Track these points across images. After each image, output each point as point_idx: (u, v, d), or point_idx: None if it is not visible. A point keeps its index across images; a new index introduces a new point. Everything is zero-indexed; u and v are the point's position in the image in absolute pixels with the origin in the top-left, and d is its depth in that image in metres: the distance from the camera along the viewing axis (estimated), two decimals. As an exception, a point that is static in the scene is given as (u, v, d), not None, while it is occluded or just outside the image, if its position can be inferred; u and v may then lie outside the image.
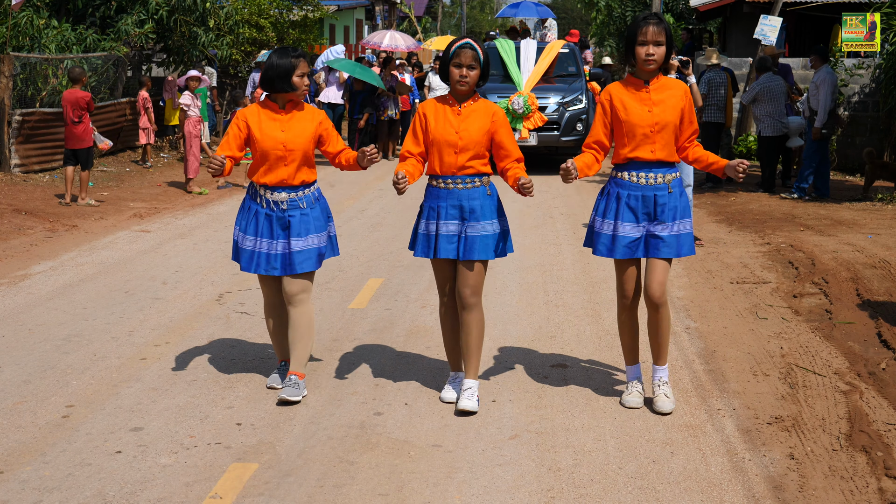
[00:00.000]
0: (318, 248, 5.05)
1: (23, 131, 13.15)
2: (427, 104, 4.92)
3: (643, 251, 4.78)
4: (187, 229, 10.15)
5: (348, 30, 34.70)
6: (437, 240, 4.85)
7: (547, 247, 9.18)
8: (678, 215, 4.78)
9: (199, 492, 3.99)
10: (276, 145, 4.95)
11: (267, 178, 4.99)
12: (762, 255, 8.72)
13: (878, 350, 5.90)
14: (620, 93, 4.78)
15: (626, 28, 4.74)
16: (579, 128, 14.90)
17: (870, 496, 3.97)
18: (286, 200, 4.99)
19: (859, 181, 13.77)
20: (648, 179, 4.74)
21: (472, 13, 64.45)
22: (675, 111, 4.72)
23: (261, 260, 5.01)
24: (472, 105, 4.86)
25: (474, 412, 4.82)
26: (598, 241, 4.86)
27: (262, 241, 5.01)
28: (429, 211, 4.91)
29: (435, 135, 4.82)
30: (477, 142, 4.79)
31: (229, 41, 17.83)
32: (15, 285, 7.60)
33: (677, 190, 4.79)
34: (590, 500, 3.92)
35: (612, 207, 4.80)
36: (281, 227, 4.99)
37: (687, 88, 4.79)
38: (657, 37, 4.63)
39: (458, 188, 4.83)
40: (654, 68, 4.69)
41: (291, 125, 5.00)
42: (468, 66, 4.75)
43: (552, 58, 15.65)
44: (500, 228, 4.91)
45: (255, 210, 5.05)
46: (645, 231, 4.76)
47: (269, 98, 5.06)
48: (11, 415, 4.85)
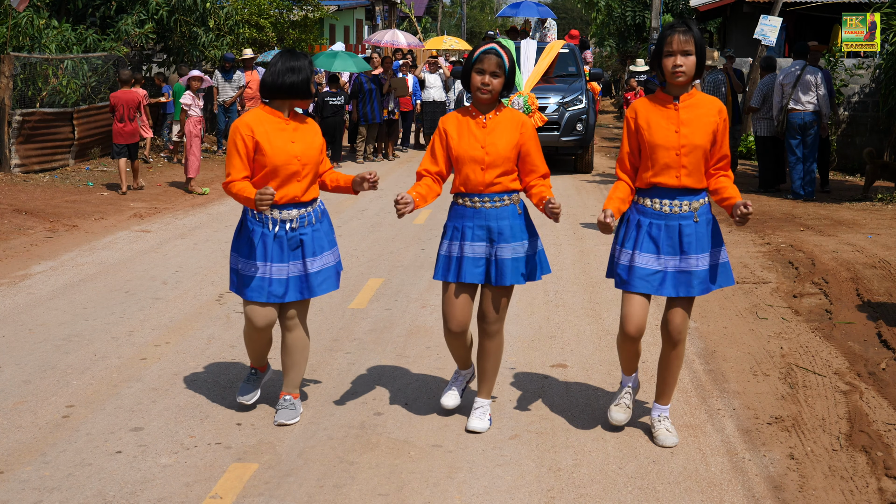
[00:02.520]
0: (336, 266, 4.68)
1: (23, 131, 13.16)
2: (448, 118, 4.54)
3: (671, 290, 4.29)
4: (187, 229, 10.15)
5: (348, 30, 34.70)
6: (462, 263, 4.45)
7: (547, 247, 9.17)
8: (708, 245, 4.31)
9: (199, 492, 4.00)
10: (289, 159, 4.46)
11: (276, 196, 4.47)
12: (762, 255, 8.72)
13: (878, 350, 5.90)
14: (646, 109, 4.31)
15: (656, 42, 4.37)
16: (579, 128, 14.90)
17: (870, 496, 3.97)
18: (296, 218, 4.53)
19: (859, 181, 13.78)
20: (672, 207, 4.28)
21: (473, 13, 64.44)
22: (705, 133, 4.23)
23: (274, 287, 4.50)
24: (497, 116, 4.46)
25: (484, 432, 4.60)
26: (616, 271, 4.43)
27: (271, 266, 4.50)
28: (452, 231, 4.51)
29: (459, 151, 4.44)
30: (505, 157, 4.41)
31: (229, 41, 17.82)
32: (15, 285, 7.61)
33: (705, 218, 4.31)
34: (590, 500, 3.93)
35: (632, 236, 4.35)
36: (291, 247, 4.53)
37: (723, 107, 4.31)
38: (685, 46, 4.15)
39: (486, 207, 4.44)
40: (685, 81, 4.19)
41: (301, 136, 4.54)
42: (491, 73, 4.35)
43: (552, 58, 15.67)
44: (534, 249, 4.53)
45: (260, 233, 4.51)
46: (667, 265, 4.29)
47: (270, 106, 4.56)
48: (12, 415, 4.85)
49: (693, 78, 4.21)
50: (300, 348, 4.70)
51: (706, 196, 4.34)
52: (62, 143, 14.14)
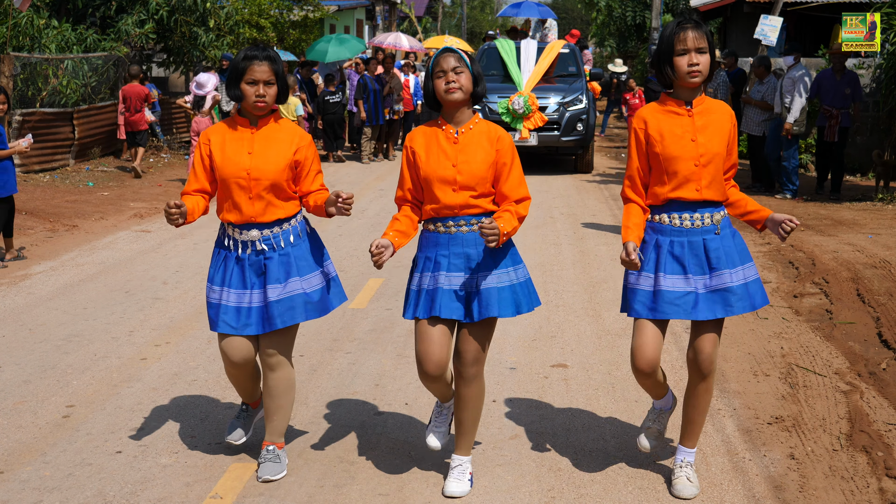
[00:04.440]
0: (305, 294, 3.97)
1: (23, 131, 13.16)
2: (414, 134, 3.94)
3: (707, 312, 3.82)
4: (188, 229, 10.14)
5: (348, 30, 34.70)
6: (436, 295, 3.82)
7: (547, 247, 9.18)
8: (738, 260, 3.87)
9: (199, 492, 3.99)
10: (237, 172, 3.92)
11: (232, 215, 3.98)
12: (763, 254, 8.72)
13: (878, 350, 5.90)
14: (657, 118, 3.86)
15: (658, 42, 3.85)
16: (579, 128, 14.91)
17: (870, 496, 3.97)
18: (259, 240, 3.98)
19: (859, 181, 13.77)
20: (694, 222, 3.83)
21: (473, 13, 64.45)
22: (721, 139, 3.83)
23: (228, 316, 3.96)
24: (470, 130, 3.86)
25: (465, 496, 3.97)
26: (634, 299, 3.87)
27: (229, 292, 3.98)
28: (424, 262, 3.90)
29: (427, 171, 3.84)
30: (481, 178, 3.81)
31: (229, 41, 17.82)
32: (15, 285, 7.61)
33: (728, 231, 3.89)
34: (590, 500, 3.92)
35: (651, 258, 3.86)
36: (255, 273, 3.99)
37: (733, 113, 3.93)
38: (699, 43, 3.73)
39: (463, 231, 3.84)
40: (700, 81, 3.77)
41: (262, 147, 3.96)
42: (452, 69, 3.78)
43: (552, 58, 15.68)
44: (520, 277, 3.92)
45: (223, 255, 4.05)
46: (697, 286, 3.83)
47: (238, 112, 4.06)
48: (12, 415, 4.85)
49: (707, 79, 3.82)
50: (283, 390, 4.07)
51: (724, 209, 3.94)
52: (62, 143, 14.15)
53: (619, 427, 4.69)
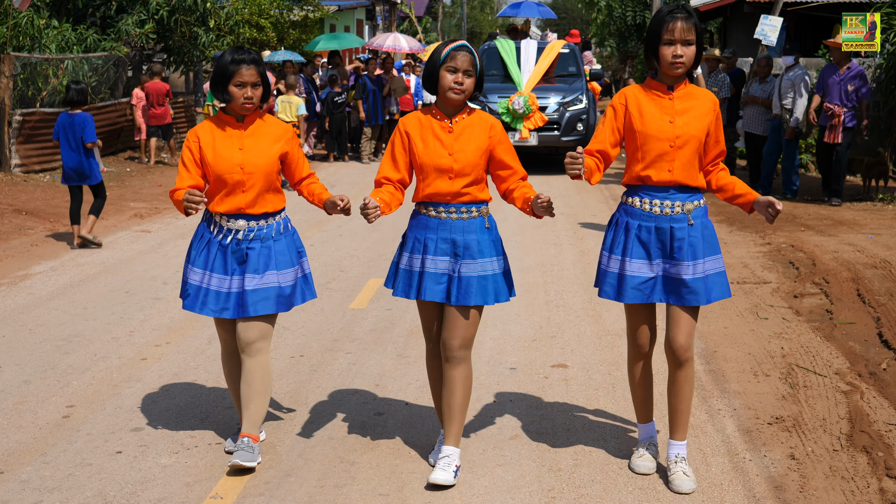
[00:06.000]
0: (279, 288, 4.20)
1: (23, 131, 13.16)
2: (409, 119, 4.09)
3: (661, 295, 3.97)
4: (188, 229, 10.14)
5: (348, 30, 34.71)
6: (422, 279, 4.05)
7: (547, 247, 9.18)
8: (701, 253, 3.93)
9: (199, 492, 3.99)
10: (231, 168, 4.14)
11: (223, 205, 4.19)
12: (763, 255, 8.72)
13: (878, 350, 5.90)
14: (638, 97, 4.00)
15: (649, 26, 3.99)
16: (580, 128, 14.91)
17: (870, 496, 3.96)
18: (244, 230, 4.20)
19: (860, 181, 13.77)
20: (664, 208, 3.94)
21: (473, 13, 64.45)
22: (700, 124, 3.93)
23: (209, 298, 4.19)
24: (465, 119, 4.04)
25: (449, 486, 4.01)
26: (605, 282, 4.05)
27: (211, 276, 4.20)
28: (414, 243, 4.10)
29: (424, 159, 4.01)
30: (475, 165, 4.00)
31: (230, 41, 17.82)
32: (15, 285, 7.61)
33: (700, 221, 3.96)
34: (590, 500, 3.92)
35: (620, 241, 4.01)
36: (237, 260, 4.20)
37: (716, 101, 4.02)
38: (686, 35, 3.84)
39: (452, 218, 4.03)
40: (683, 72, 3.91)
41: (251, 143, 4.19)
42: (465, 71, 3.93)
43: (552, 58, 15.68)
44: (501, 268, 4.11)
45: (207, 239, 4.23)
46: (661, 270, 3.97)
47: (223, 110, 4.25)
48: (12, 415, 4.85)
49: (692, 67, 3.92)
50: (258, 378, 4.20)
51: (702, 198, 4.02)
52: (62, 142, 14.12)
53: (619, 427, 4.69)
